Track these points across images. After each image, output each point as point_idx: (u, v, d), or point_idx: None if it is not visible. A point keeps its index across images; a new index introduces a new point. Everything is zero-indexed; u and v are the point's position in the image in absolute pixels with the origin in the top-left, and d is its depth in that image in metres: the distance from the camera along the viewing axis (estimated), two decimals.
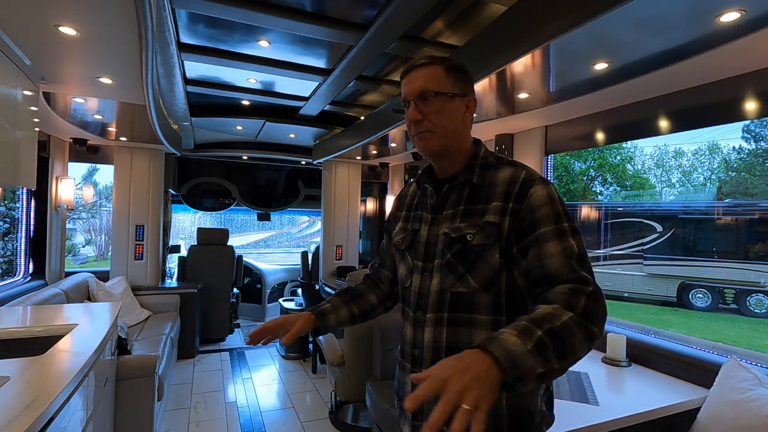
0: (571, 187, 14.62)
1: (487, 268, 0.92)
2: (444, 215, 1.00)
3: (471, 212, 0.96)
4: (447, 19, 2.11)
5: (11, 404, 1.10)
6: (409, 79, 1.00)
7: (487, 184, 0.97)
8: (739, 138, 13.40)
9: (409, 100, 0.99)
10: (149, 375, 2.42)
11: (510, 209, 0.92)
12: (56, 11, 1.50)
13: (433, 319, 0.97)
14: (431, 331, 0.97)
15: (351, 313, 1.19)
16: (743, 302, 8.50)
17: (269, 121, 3.87)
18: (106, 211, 15.72)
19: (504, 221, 0.91)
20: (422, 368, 0.97)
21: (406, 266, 1.07)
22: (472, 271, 0.93)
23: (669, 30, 1.45)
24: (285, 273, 6.70)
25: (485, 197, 0.96)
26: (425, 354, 0.98)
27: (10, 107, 1.89)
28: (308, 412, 3.24)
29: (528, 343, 0.71)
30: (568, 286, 0.82)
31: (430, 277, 0.99)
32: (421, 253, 1.02)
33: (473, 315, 0.94)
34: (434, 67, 0.99)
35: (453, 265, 0.95)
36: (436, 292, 0.97)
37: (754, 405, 1.54)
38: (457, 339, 0.95)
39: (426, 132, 0.98)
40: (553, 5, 1.52)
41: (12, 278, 3.32)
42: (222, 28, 2.25)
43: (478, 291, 0.93)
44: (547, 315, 0.76)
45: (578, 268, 0.85)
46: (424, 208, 1.07)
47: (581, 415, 1.53)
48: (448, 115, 0.98)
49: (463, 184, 1.00)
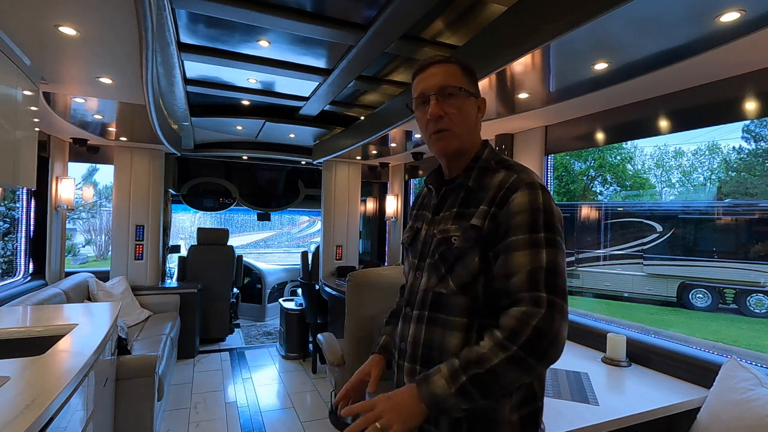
0: (571, 187, 14.61)
1: (465, 272, 0.92)
2: (441, 216, 1.02)
3: (462, 215, 0.97)
4: (447, 19, 2.11)
5: (11, 404, 1.10)
6: (427, 75, 0.99)
7: (482, 187, 0.97)
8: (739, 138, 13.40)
9: (428, 95, 0.97)
10: (149, 375, 2.42)
11: (491, 213, 0.91)
12: (56, 11, 1.50)
13: (417, 316, 1.01)
14: (414, 327, 1.01)
15: None
16: (743, 302, 8.50)
17: (269, 121, 3.87)
18: (106, 211, 15.72)
19: (484, 225, 0.91)
20: (404, 361, 1.02)
21: (409, 264, 1.11)
22: (451, 273, 0.94)
23: (669, 30, 1.45)
24: (285, 273, 6.70)
25: (477, 201, 0.96)
26: (407, 348, 1.01)
27: (10, 107, 1.89)
28: (308, 412, 3.24)
29: (452, 387, 0.83)
30: (520, 310, 0.83)
31: (422, 275, 1.02)
32: (418, 251, 1.05)
33: (448, 316, 0.95)
34: (451, 65, 0.99)
35: (437, 265, 0.98)
36: (422, 290, 1.00)
37: (754, 405, 1.54)
38: (431, 337, 0.97)
39: (445, 131, 0.97)
40: (553, 5, 1.52)
41: (12, 278, 3.32)
42: (222, 28, 2.25)
43: (455, 293, 0.93)
44: (480, 357, 0.83)
45: (540, 286, 0.83)
46: (427, 209, 1.09)
47: (581, 415, 1.53)
48: (466, 114, 0.98)
49: (459, 187, 1.01)
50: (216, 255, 5.11)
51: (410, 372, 1.00)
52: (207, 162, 5.52)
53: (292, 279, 6.67)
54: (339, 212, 4.98)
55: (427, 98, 0.98)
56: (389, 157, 4.71)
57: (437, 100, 0.96)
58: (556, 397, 1.68)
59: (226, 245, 5.27)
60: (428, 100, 0.97)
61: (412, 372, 0.99)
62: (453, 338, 0.93)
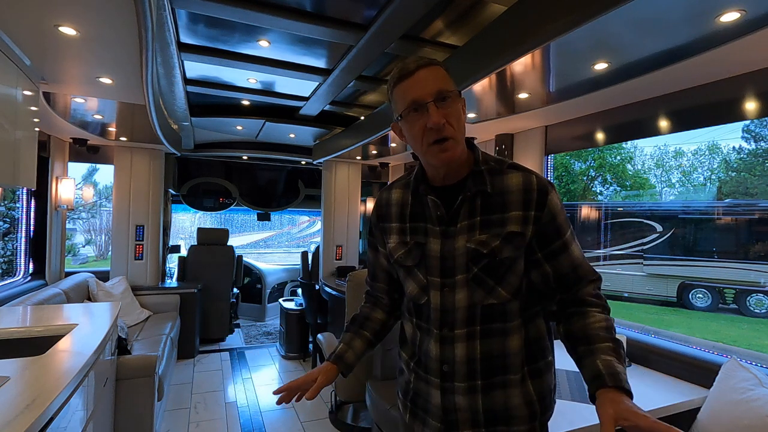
0: (571, 187, 14.61)
1: (515, 278, 0.96)
2: (458, 227, 0.95)
3: (489, 222, 0.94)
4: (447, 19, 2.11)
5: (11, 404, 1.10)
6: (417, 80, 0.90)
7: (499, 191, 0.95)
8: (739, 138, 13.41)
9: (426, 102, 0.88)
10: (149, 375, 2.41)
11: (533, 217, 0.93)
12: (56, 11, 1.50)
13: (464, 334, 0.95)
14: (464, 346, 0.95)
15: (366, 341, 1.14)
16: (743, 302, 8.50)
17: (269, 121, 3.87)
18: (106, 211, 15.72)
19: (527, 229, 0.93)
20: (455, 382, 0.97)
21: (417, 283, 1.01)
22: (502, 283, 0.94)
23: (669, 30, 1.45)
24: (285, 273, 6.69)
25: (500, 205, 0.94)
26: (458, 368, 0.96)
27: (10, 107, 1.89)
28: (308, 412, 3.24)
29: (623, 363, 0.87)
30: (596, 286, 0.98)
31: (452, 292, 0.96)
32: (437, 268, 0.97)
33: (506, 323, 0.96)
34: (437, 67, 0.93)
35: (481, 279, 0.94)
36: (465, 308, 0.95)
37: (754, 405, 1.54)
38: (490, 348, 0.95)
39: (450, 140, 0.90)
40: (553, 5, 1.52)
41: (12, 278, 3.32)
42: (222, 28, 2.25)
43: (508, 300, 0.95)
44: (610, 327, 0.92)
45: (592, 269, 0.99)
46: (427, 220, 1.00)
47: (582, 415, 1.53)
48: (462, 119, 0.93)
49: (474, 194, 0.95)
50: (216, 255, 5.11)
51: (469, 390, 0.96)
52: (207, 162, 5.52)
53: (292, 279, 6.67)
54: (339, 212, 4.98)
55: (424, 105, 0.89)
56: (389, 157, 4.71)
57: (437, 107, 0.88)
58: (557, 397, 1.68)
59: (226, 245, 5.26)
60: (423, 108, 0.89)
61: (471, 389, 0.96)
62: (514, 341, 0.96)
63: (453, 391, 0.97)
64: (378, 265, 1.17)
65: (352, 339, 1.14)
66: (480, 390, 0.96)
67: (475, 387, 0.96)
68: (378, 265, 1.17)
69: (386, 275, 1.16)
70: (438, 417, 1.00)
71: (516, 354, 0.96)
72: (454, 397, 0.97)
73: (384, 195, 1.12)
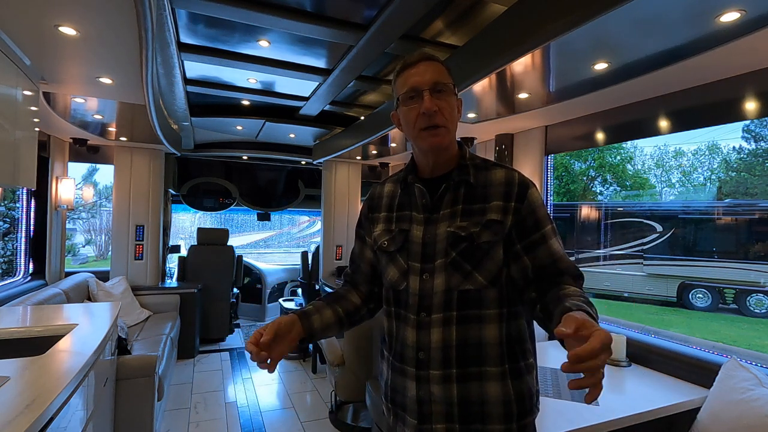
0: (571, 187, 14.62)
1: (493, 264, 0.96)
2: (441, 215, 1.00)
3: (470, 211, 0.98)
4: (447, 19, 2.11)
5: (11, 404, 1.10)
6: (418, 70, 0.98)
7: (482, 184, 1.00)
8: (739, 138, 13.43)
9: (422, 90, 0.96)
10: (149, 375, 2.42)
11: (513, 208, 0.97)
12: (56, 11, 1.50)
13: (441, 319, 0.96)
14: (439, 331, 0.96)
15: (336, 316, 1.10)
16: (743, 302, 8.50)
17: (269, 121, 3.87)
18: (106, 211, 15.73)
19: (507, 219, 0.96)
20: (429, 370, 0.96)
21: (398, 268, 1.03)
22: (479, 268, 0.95)
23: (669, 30, 1.45)
24: (285, 273, 6.70)
25: (482, 197, 0.99)
26: (433, 354, 0.96)
27: (10, 107, 1.89)
28: (308, 412, 3.24)
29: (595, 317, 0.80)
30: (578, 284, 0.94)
31: (431, 277, 0.98)
32: (417, 253, 1.00)
33: (481, 310, 0.96)
34: (439, 63, 1.00)
35: (459, 263, 0.96)
36: (442, 292, 0.96)
37: (754, 405, 1.54)
38: (466, 335, 0.96)
39: (441, 127, 0.97)
40: (553, 5, 1.52)
41: (12, 278, 3.32)
42: (222, 28, 2.25)
43: (485, 287, 0.96)
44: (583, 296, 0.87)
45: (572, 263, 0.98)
46: (413, 208, 1.04)
47: (581, 415, 1.53)
48: (454, 112, 1.00)
49: (458, 184, 1.01)
50: (216, 255, 5.11)
51: (443, 378, 0.95)
52: (207, 162, 5.52)
53: (292, 279, 6.67)
54: (339, 212, 4.98)
55: (420, 93, 0.96)
56: (389, 157, 4.71)
57: (431, 95, 0.95)
58: (556, 397, 1.68)
59: (226, 245, 5.26)
60: (419, 95, 0.96)
61: (445, 378, 0.95)
62: (490, 330, 0.96)
63: (428, 380, 0.97)
64: (362, 255, 1.18)
65: (323, 307, 1.09)
66: (455, 379, 0.95)
67: (450, 375, 0.95)
68: (362, 256, 1.18)
69: (369, 266, 1.17)
70: (413, 412, 0.99)
71: (493, 345, 0.96)
72: (429, 386, 0.97)
73: (377, 188, 1.18)
